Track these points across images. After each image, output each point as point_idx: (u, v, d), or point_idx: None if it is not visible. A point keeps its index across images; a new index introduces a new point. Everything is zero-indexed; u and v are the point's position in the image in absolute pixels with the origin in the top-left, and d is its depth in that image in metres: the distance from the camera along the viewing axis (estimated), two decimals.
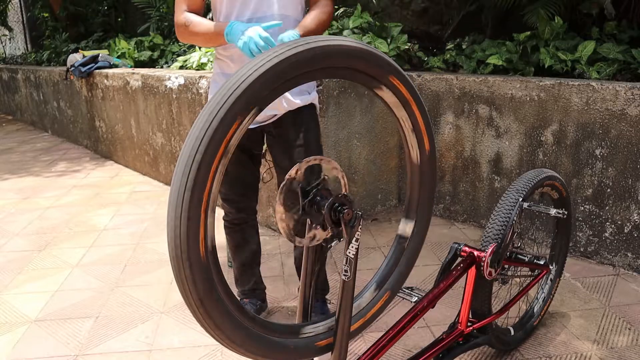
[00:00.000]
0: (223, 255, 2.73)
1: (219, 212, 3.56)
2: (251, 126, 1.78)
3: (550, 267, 2.09)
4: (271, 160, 2.03)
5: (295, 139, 1.92)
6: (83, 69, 5.06)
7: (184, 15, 1.80)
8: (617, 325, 2.13)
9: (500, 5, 3.45)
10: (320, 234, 1.22)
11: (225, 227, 2.12)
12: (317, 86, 2.92)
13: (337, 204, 1.18)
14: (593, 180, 2.61)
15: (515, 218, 1.73)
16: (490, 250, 1.67)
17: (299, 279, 2.23)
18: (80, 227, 3.44)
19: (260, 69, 1.01)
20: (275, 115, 1.88)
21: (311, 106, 1.96)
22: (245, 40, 1.56)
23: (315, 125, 1.99)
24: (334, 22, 3.67)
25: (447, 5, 4.25)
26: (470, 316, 1.74)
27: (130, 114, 4.59)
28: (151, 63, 5.18)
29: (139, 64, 5.21)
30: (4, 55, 10.98)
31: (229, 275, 2.64)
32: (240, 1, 1.77)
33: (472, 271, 1.67)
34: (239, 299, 1.94)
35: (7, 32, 10.53)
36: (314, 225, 1.20)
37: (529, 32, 3.14)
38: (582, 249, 2.73)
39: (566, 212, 1.93)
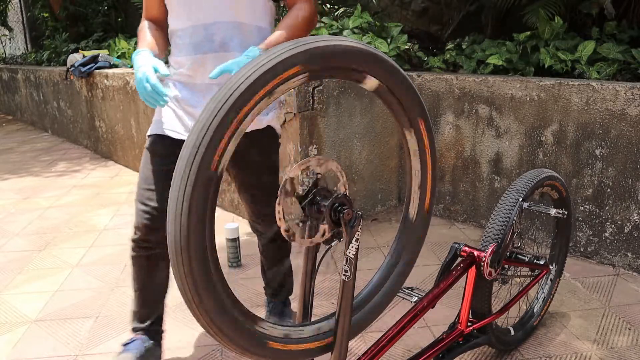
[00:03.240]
0: (223, 255, 2.73)
1: (218, 212, 3.55)
2: None
3: (550, 267, 2.09)
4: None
5: (254, 163, 1.76)
6: (83, 69, 5.06)
7: (141, 24, 1.72)
8: (617, 325, 2.13)
9: (500, 5, 3.45)
10: (320, 234, 1.22)
11: (133, 249, 1.77)
12: (317, 86, 2.92)
13: (337, 204, 1.18)
14: (593, 180, 2.61)
15: (515, 218, 1.73)
16: (490, 250, 1.67)
17: (261, 272, 2.12)
18: (80, 227, 3.44)
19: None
20: None
21: (268, 129, 1.76)
22: (138, 77, 1.44)
23: (272, 150, 1.80)
24: (334, 22, 3.67)
25: (447, 5, 4.25)
26: (470, 316, 1.74)
27: (130, 114, 4.59)
28: None
29: None
30: (4, 55, 10.98)
31: (229, 276, 2.65)
32: (192, 5, 1.58)
33: (472, 271, 1.67)
34: (130, 336, 1.82)
35: (7, 32, 10.53)
36: (313, 226, 1.20)
37: (529, 32, 3.14)
38: (582, 249, 2.73)
39: (566, 212, 1.93)
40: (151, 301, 1.85)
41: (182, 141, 1.64)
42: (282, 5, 1.73)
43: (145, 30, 1.69)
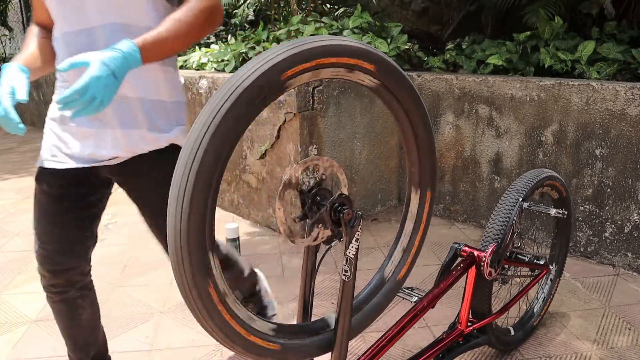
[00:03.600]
0: None
1: (219, 212, 3.55)
2: (83, 164, 1.41)
3: (550, 267, 2.09)
4: None
5: (151, 195, 1.45)
6: None
7: (29, 29, 1.48)
8: (617, 325, 2.13)
9: (500, 5, 3.45)
10: (320, 234, 1.22)
11: (46, 294, 1.54)
12: (317, 86, 2.92)
13: (337, 204, 1.18)
14: (593, 180, 2.61)
15: (515, 218, 1.73)
16: (490, 250, 1.67)
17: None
18: None
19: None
20: (115, 157, 1.41)
21: (172, 149, 1.42)
22: None
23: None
24: (334, 22, 3.67)
25: (447, 5, 4.25)
26: (470, 316, 1.74)
27: None
28: None
29: None
30: (4, 55, 10.98)
31: None
32: (71, 8, 1.34)
33: (472, 271, 1.67)
34: None
35: (7, 32, 10.53)
36: (313, 225, 1.20)
37: (529, 32, 3.14)
38: (582, 249, 2.73)
39: (566, 212, 1.93)
40: (81, 344, 1.65)
41: (70, 171, 1.40)
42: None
43: (30, 37, 1.45)
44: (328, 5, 4.78)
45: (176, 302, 2.42)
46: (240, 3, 4.45)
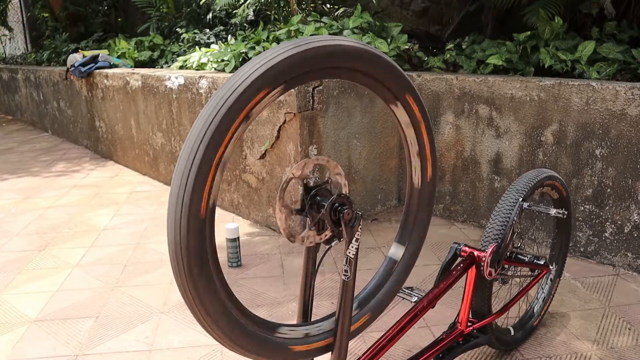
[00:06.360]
0: (223, 255, 2.73)
1: (218, 212, 3.56)
2: None
3: (550, 267, 2.09)
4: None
5: None
6: (83, 69, 5.06)
7: None
8: (617, 325, 2.13)
9: (500, 5, 3.45)
10: (321, 234, 1.22)
11: None
12: (317, 86, 2.92)
13: (337, 204, 1.18)
14: (593, 180, 2.61)
15: (515, 218, 1.73)
16: (490, 250, 1.67)
17: None
18: (80, 227, 3.44)
19: (291, 50, 1.03)
20: None
21: None
22: None
23: None
24: (334, 22, 3.66)
25: (447, 5, 4.25)
26: (470, 316, 1.74)
27: (130, 114, 4.59)
28: (151, 63, 5.18)
29: (139, 64, 5.21)
30: (4, 55, 10.98)
31: (229, 276, 2.65)
32: None
33: (472, 271, 1.67)
34: None
35: (7, 32, 10.53)
36: (314, 225, 1.20)
37: (529, 32, 3.14)
38: (582, 249, 2.73)
39: (566, 212, 1.93)
40: None
41: None
42: None
43: None
44: (328, 5, 4.78)
45: (176, 302, 2.42)
46: (240, 3, 4.45)
